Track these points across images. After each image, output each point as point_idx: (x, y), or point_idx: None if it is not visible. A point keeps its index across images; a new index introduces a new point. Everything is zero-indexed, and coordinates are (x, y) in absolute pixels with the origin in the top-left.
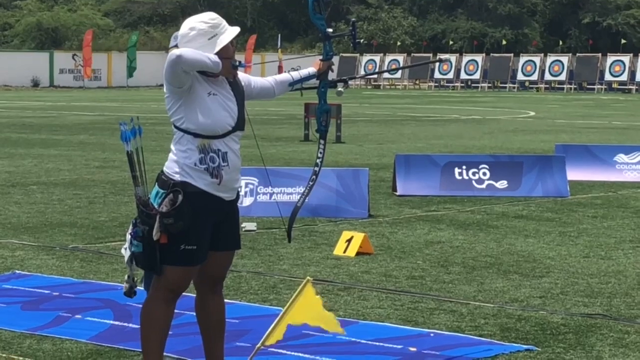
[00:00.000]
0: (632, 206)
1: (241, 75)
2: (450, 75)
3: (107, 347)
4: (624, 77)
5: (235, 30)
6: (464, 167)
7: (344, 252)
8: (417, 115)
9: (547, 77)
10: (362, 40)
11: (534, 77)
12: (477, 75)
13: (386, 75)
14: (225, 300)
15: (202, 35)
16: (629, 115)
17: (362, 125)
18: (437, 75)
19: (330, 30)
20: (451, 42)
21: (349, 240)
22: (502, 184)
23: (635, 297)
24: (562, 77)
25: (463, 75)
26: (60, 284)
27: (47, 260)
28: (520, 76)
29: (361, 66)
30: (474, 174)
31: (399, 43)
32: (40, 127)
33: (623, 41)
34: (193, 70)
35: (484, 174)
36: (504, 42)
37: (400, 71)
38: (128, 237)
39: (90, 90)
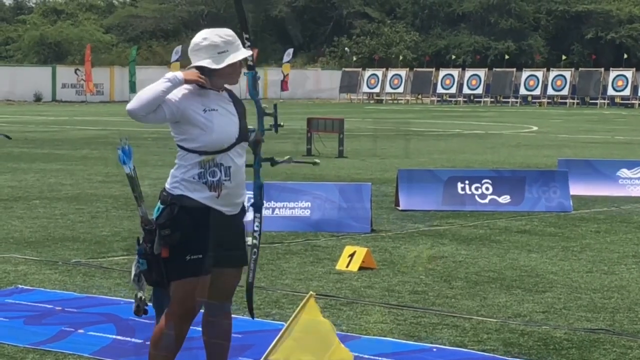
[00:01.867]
0: (635, 221)
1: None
2: (453, 90)
3: None
4: (627, 92)
5: (248, 52)
6: (466, 182)
7: (347, 266)
8: (419, 129)
9: (550, 91)
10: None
11: (537, 91)
12: (479, 90)
13: (388, 89)
14: None
15: (213, 47)
16: (631, 130)
17: (364, 140)
18: (439, 89)
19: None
20: (454, 57)
21: (351, 255)
22: (504, 199)
23: (639, 312)
24: (565, 91)
25: (465, 90)
26: (63, 298)
27: (50, 275)
28: (522, 91)
29: (364, 81)
30: (476, 188)
31: (401, 57)
32: (43, 141)
33: (626, 56)
34: (154, 107)
35: (487, 188)
36: (507, 57)
37: (402, 85)
38: (136, 257)
39: (92, 104)
